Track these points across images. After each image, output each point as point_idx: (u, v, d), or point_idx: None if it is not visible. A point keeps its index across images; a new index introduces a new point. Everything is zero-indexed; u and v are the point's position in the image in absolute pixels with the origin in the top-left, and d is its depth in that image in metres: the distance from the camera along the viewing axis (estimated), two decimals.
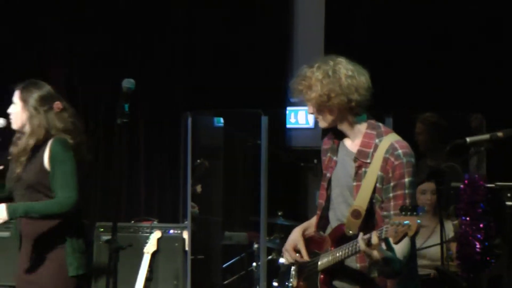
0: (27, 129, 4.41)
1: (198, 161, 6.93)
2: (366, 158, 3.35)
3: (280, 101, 7.84)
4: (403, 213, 2.98)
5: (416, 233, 2.96)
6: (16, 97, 4.43)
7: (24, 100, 4.41)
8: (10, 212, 4.25)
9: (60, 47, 8.59)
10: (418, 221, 2.93)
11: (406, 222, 2.94)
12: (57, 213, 4.31)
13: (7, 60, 8.37)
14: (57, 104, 4.46)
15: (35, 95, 4.43)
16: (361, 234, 3.14)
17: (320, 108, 3.40)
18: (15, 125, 4.44)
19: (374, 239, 3.06)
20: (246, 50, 8.00)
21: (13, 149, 4.45)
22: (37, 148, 4.38)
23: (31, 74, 7.91)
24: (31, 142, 4.36)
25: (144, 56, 8.31)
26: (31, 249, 4.41)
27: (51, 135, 4.38)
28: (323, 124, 3.45)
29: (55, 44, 8.60)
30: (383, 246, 3.12)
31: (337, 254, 3.31)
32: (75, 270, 4.36)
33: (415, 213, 2.95)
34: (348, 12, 7.68)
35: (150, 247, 6.57)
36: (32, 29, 8.63)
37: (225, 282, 6.94)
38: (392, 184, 3.28)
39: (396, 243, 3.01)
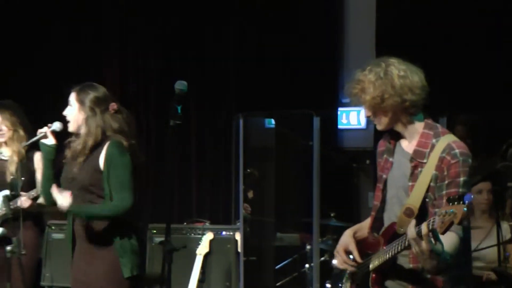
0: (83, 130, 4.43)
1: (249, 170, 6.92)
2: (422, 158, 3.35)
3: (331, 101, 7.83)
4: (450, 203, 2.95)
5: (462, 220, 2.91)
6: (72, 99, 4.46)
7: (81, 102, 4.43)
8: (72, 205, 4.31)
9: (115, 49, 8.70)
10: (465, 208, 2.90)
11: (451, 210, 2.92)
12: (112, 216, 4.35)
13: (62, 62, 8.52)
14: (113, 105, 4.50)
15: (91, 96, 4.46)
16: (412, 221, 3.12)
17: (375, 110, 3.39)
18: (71, 127, 4.46)
19: (424, 228, 3.03)
20: (297, 51, 7.97)
21: (68, 151, 4.48)
22: (93, 150, 4.41)
23: (86, 76, 8.11)
24: (90, 142, 4.39)
25: (196, 58, 8.36)
26: (85, 250, 4.44)
27: (107, 136, 4.41)
28: (380, 126, 3.44)
29: (110, 45, 8.71)
30: (432, 240, 3.08)
31: (388, 252, 3.30)
32: (129, 271, 4.38)
33: (461, 202, 2.92)
34: (400, 12, 7.61)
35: (203, 248, 6.59)
36: (87, 31, 8.77)
37: (278, 284, 6.92)
38: (446, 182, 3.26)
39: (443, 233, 2.97)
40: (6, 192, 5.25)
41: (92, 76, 8.61)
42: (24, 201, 5.33)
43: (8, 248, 4.55)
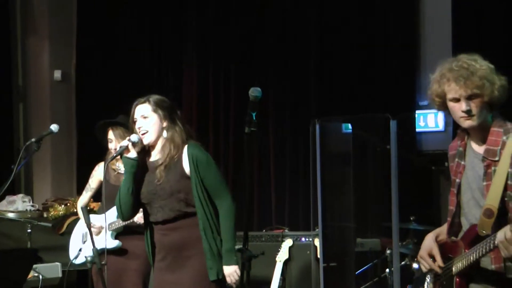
0: (161, 140, 4.47)
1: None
2: (494, 156, 3.32)
3: (409, 105, 7.75)
4: None
5: None
6: (147, 110, 4.45)
7: (157, 112, 4.45)
8: (231, 261, 4.40)
9: (192, 59, 8.84)
10: None
11: None
12: (234, 222, 4.44)
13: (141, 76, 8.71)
14: (179, 113, 4.55)
15: (166, 106, 4.49)
16: (507, 227, 3.06)
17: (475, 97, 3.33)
18: (148, 139, 4.45)
19: (508, 233, 3.01)
20: (374, 55, 7.93)
21: (150, 162, 4.50)
22: (173, 157, 4.43)
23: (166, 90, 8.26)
24: (174, 152, 4.41)
25: (272, 64, 8.39)
26: (171, 259, 4.46)
27: (184, 143, 4.44)
28: (475, 121, 3.35)
29: (188, 51, 8.85)
30: None
31: (472, 255, 3.28)
32: (215, 274, 4.40)
33: None
34: (477, 13, 7.49)
35: (282, 255, 6.60)
36: (164, 45, 8.94)
37: None
38: None
39: None
40: None
41: (172, 82, 8.89)
42: (140, 217, 5.42)
43: (89, 258, 4.60)
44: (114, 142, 5.47)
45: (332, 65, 8.08)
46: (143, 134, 4.46)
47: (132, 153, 4.46)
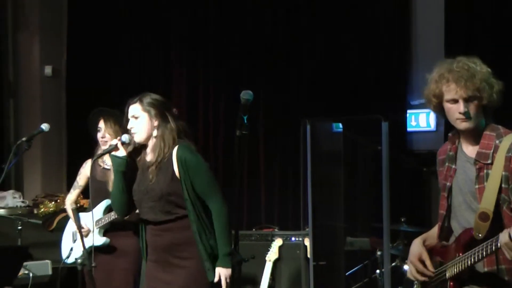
0: (153, 139, 4.44)
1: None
2: (486, 159, 3.32)
3: (400, 104, 7.75)
4: None
5: None
6: (137, 110, 4.43)
7: (148, 111, 4.42)
8: (226, 263, 4.34)
9: (181, 59, 8.82)
10: None
11: None
12: (229, 225, 4.38)
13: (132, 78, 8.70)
14: (175, 110, 4.53)
15: (157, 104, 4.46)
16: (506, 230, 3.05)
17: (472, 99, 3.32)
18: (139, 138, 4.43)
19: None
20: (365, 53, 7.92)
21: (141, 162, 4.48)
22: (164, 157, 4.40)
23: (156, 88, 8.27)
24: (166, 149, 4.38)
25: (263, 66, 8.38)
26: (164, 260, 4.44)
27: (176, 142, 4.42)
28: (472, 124, 3.35)
29: (178, 54, 8.83)
30: None
31: (469, 259, 3.26)
32: (213, 275, 4.37)
33: None
34: (469, 13, 7.49)
35: (272, 255, 6.60)
36: (156, 45, 8.93)
37: None
38: None
39: None
40: (109, 201, 5.25)
41: (163, 84, 8.87)
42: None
43: (79, 260, 4.58)
44: (102, 131, 5.45)
45: (323, 65, 8.05)
46: (133, 133, 4.44)
47: (121, 152, 4.44)
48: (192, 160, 4.39)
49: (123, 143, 4.44)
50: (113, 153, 4.46)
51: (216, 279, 4.35)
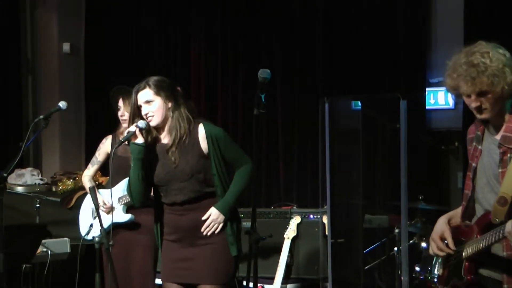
0: (169, 121, 4.46)
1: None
2: (510, 143, 3.29)
3: (419, 81, 7.69)
4: None
5: None
6: (149, 94, 4.44)
7: (160, 95, 4.44)
8: (223, 210, 4.42)
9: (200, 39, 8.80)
10: None
11: None
12: (248, 182, 4.53)
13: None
14: (179, 89, 4.56)
15: (166, 86, 4.48)
16: None
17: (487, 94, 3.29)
18: (156, 121, 4.45)
19: None
20: (383, 32, 7.86)
21: (160, 145, 4.50)
22: (182, 137, 4.43)
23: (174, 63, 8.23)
24: (183, 130, 4.41)
25: (281, 44, 8.33)
26: (188, 239, 4.49)
27: (191, 121, 4.45)
28: (488, 115, 3.33)
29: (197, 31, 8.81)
30: None
31: (482, 242, 3.27)
32: (236, 250, 4.46)
33: None
34: None
35: (290, 232, 6.61)
36: (172, 19, 8.89)
37: (367, 267, 6.88)
38: None
39: None
40: None
41: (179, 62, 8.85)
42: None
43: (96, 239, 4.60)
44: (122, 109, 5.49)
45: (341, 44, 8.00)
46: (149, 118, 4.45)
47: (140, 139, 4.45)
48: (219, 133, 4.49)
49: (140, 130, 4.45)
50: (132, 141, 4.46)
51: (204, 218, 4.41)
